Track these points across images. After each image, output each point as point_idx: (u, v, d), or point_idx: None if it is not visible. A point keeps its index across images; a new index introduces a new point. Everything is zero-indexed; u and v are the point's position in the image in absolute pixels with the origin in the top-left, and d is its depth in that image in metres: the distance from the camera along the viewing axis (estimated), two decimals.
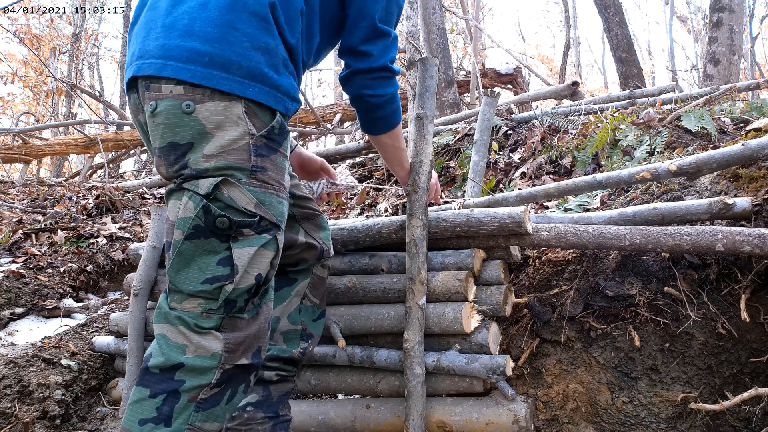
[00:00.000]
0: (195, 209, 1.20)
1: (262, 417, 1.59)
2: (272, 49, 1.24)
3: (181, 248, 1.23)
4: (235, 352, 1.25)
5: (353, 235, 1.96)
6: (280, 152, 1.29)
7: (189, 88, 1.19)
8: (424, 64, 1.83)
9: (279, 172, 1.29)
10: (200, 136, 1.20)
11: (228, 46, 1.20)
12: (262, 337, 1.32)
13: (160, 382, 1.21)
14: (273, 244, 1.29)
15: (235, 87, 1.20)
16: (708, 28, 6.03)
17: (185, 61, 1.19)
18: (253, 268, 1.25)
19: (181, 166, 1.22)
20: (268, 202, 1.26)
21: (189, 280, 1.23)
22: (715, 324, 1.64)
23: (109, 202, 4.33)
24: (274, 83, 1.25)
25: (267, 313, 1.33)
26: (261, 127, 1.24)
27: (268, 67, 1.24)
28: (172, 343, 1.22)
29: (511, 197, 2.12)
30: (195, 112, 1.19)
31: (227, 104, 1.20)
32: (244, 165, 1.22)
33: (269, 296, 1.34)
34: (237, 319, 1.26)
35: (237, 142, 1.21)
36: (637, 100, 4.00)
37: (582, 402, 1.74)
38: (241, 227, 1.22)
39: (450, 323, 1.71)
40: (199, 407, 1.22)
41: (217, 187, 1.20)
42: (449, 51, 6.55)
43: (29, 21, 15.01)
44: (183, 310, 1.23)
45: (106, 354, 2.40)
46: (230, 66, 1.20)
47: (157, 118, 1.22)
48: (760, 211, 1.70)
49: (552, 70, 19.67)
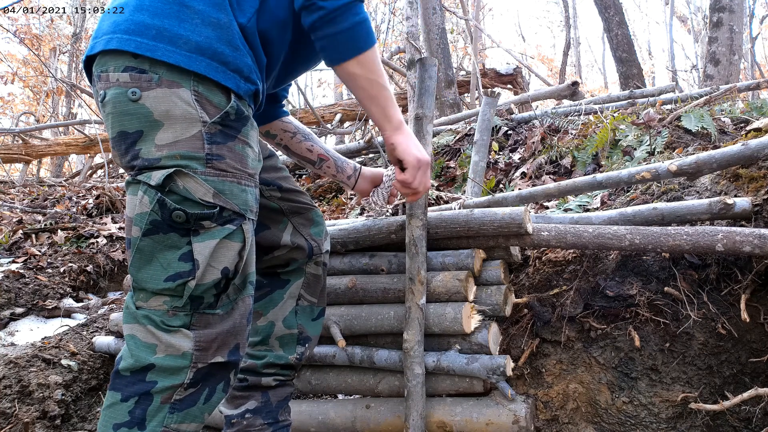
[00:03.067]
0: (150, 203, 1.16)
1: (261, 423, 1.56)
2: (224, 25, 1.19)
3: (140, 245, 1.18)
4: (207, 350, 1.21)
5: (353, 235, 1.96)
6: (238, 139, 1.23)
7: (135, 75, 1.14)
8: (424, 64, 1.83)
9: (239, 159, 1.23)
10: (149, 124, 1.15)
11: (177, 22, 1.16)
12: (240, 334, 1.27)
13: (131, 384, 1.17)
14: (238, 235, 1.23)
15: (181, 60, 1.14)
16: (708, 28, 6.03)
17: (131, 33, 1.16)
18: (217, 262, 1.20)
19: (133, 156, 1.17)
20: (228, 190, 1.20)
21: (151, 277, 1.18)
22: (715, 324, 1.64)
23: (109, 202, 4.33)
24: (224, 59, 1.18)
25: (244, 309, 1.28)
26: (214, 113, 1.18)
27: (219, 42, 1.18)
28: (142, 344, 1.18)
29: (511, 197, 2.12)
30: (141, 99, 1.14)
31: (175, 90, 1.15)
32: (198, 154, 1.17)
33: (247, 291, 1.29)
34: (208, 316, 1.21)
35: (188, 130, 1.16)
36: (637, 100, 4.00)
37: (582, 402, 1.74)
38: (200, 220, 1.18)
39: (450, 323, 1.71)
40: (174, 408, 1.19)
41: (170, 179, 1.15)
42: (449, 51, 6.55)
43: (29, 21, 15.01)
44: (149, 308, 1.19)
45: (106, 354, 2.40)
46: (178, 40, 1.15)
47: (106, 107, 1.18)
48: (760, 211, 1.70)
49: (552, 70, 19.67)
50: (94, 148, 7.76)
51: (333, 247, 1.97)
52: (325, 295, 1.71)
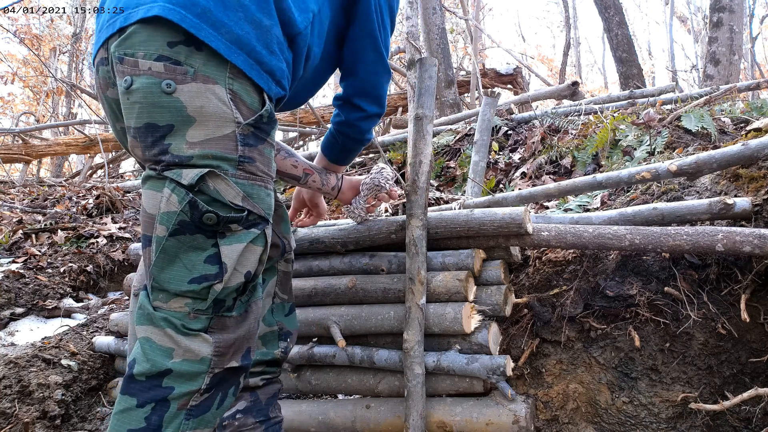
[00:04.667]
0: (180, 204, 1.12)
1: (253, 422, 1.54)
2: (265, 27, 1.17)
3: (165, 245, 1.15)
4: (225, 356, 1.19)
5: (353, 235, 1.96)
6: (267, 142, 1.22)
7: (170, 66, 1.09)
8: (424, 64, 1.83)
9: (267, 163, 1.22)
10: (181, 119, 1.10)
11: (222, 8, 1.12)
12: (252, 338, 1.27)
13: (147, 390, 1.14)
14: (262, 239, 1.22)
15: (221, 47, 1.10)
16: (708, 28, 6.03)
17: (177, 4, 1.08)
18: (242, 266, 1.19)
19: (161, 150, 1.12)
20: (256, 194, 1.19)
21: (175, 278, 1.15)
22: (715, 324, 1.64)
23: (109, 202, 4.33)
24: (260, 58, 1.15)
25: (257, 312, 1.28)
26: (248, 114, 1.16)
27: (257, 41, 1.15)
28: (158, 347, 1.15)
29: (511, 197, 2.12)
30: (176, 92, 1.09)
31: (210, 87, 1.11)
32: (231, 155, 1.14)
33: (258, 294, 1.28)
34: (225, 318, 1.20)
35: (221, 129, 1.12)
36: (637, 100, 4.01)
37: (582, 402, 1.74)
38: (229, 223, 1.15)
39: (450, 323, 1.71)
40: (190, 414, 1.17)
41: (202, 179, 1.11)
42: (449, 51, 6.55)
43: (29, 21, 15.01)
44: (169, 309, 1.16)
45: (106, 354, 2.40)
46: (221, 27, 1.10)
47: (132, 95, 1.11)
48: (760, 212, 1.70)
49: (552, 70, 19.67)
50: (94, 148, 7.76)
51: (333, 247, 1.98)
52: (293, 291, 1.69)
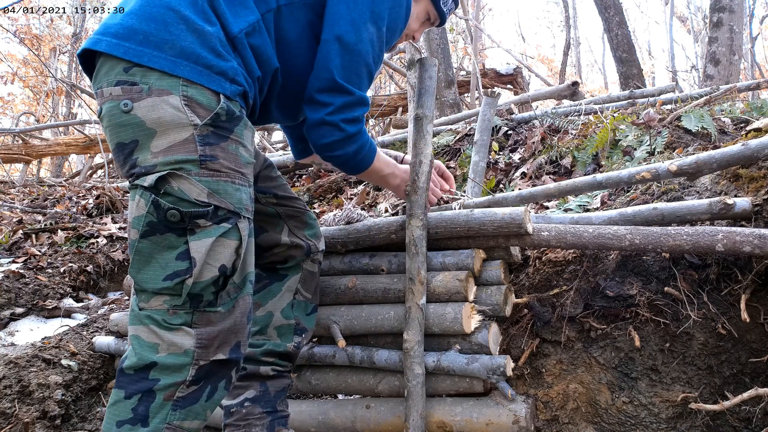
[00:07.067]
0: (146, 205, 1.20)
1: (260, 412, 1.60)
2: (207, 33, 1.24)
3: (138, 247, 1.22)
4: (208, 348, 1.24)
5: (353, 235, 1.96)
6: (231, 139, 1.27)
7: (126, 88, 1.19)
8: (424, 64, 1.83)
9: (232, 159, 1.27)
10: (143, 134, 1.20)
11: (164, 27, 1.21)
12: (240, 332, 1.30)
13: (134, 382, 1.21)
14: (234, 233, 1.26)
15: (166, 65, 1.19)
16: (708, 28, 6.03)
17: (120, 37, 1.21)
18: (214, 260, 1.23)
19: (131, 165, 1.22)
20: (223, 190, 1.24)
21: (151, 278, 1.22)
22: (716, 324, 1.64)
23: (109, 202, 4.33)
24: (207, 63, 1.23)
25: (244, 307, 1.31)
26: (204, 115, 1.22)
27: (202, 47, 1.23)
28: (145, 343, 1.22)
29: (511, 197, 2.12)
30: (133, 110, 1.19)
31: (165, 98, 1.19)
32: (192, 156, 1.21)
33: (246, 290, 1.32)
34: (209, 314, 1.24)
35: (181, 134, 1.20)
36: (637, 100, 4.00)
37: (582, 402, 1.74)
38: (195, 218, 1.21)
39: (450, 323, 1.71)
40: (177, 405, 1.22)
41: (164, 181, 1.19)
42: (449, 51, 6.55)
43: (29, 21, 15.01)
44: (150, 308, 1.23)
45: (106, 354, 2.40)
46: (164, 45, 1.20)
47: (103, 121, 1.24)
48: (760, 212, 1.70)
49: (552, 70, 19.67)
50: (94, 148, 7.76)
51: (333, 247, 1.98)
52: (319, 292, 1.80)
